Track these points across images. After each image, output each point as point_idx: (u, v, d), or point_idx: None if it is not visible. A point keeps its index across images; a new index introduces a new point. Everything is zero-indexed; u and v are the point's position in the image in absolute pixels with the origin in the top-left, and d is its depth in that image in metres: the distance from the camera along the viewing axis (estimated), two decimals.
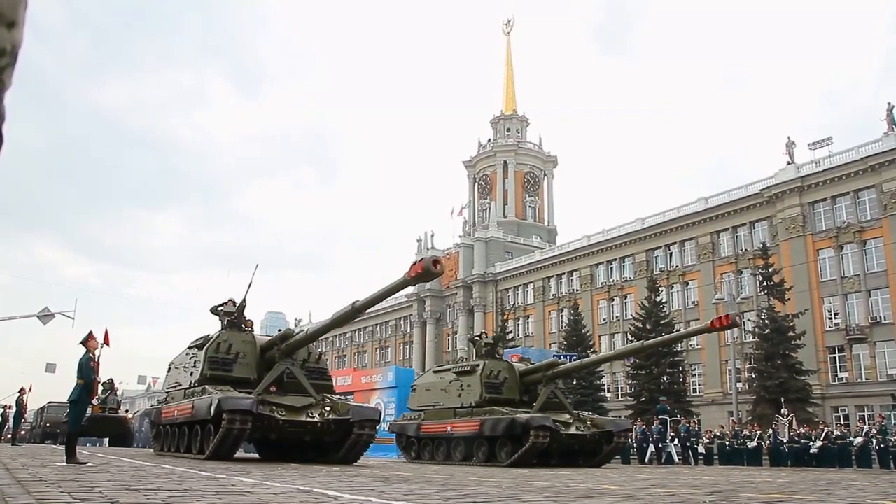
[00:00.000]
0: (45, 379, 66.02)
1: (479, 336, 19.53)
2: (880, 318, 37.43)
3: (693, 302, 46.78)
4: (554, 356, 24.57)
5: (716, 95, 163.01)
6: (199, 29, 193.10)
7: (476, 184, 79.68)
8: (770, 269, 33.62)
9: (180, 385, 14.43)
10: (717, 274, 45.17)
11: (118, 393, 30.92)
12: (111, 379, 28.97)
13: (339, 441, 12.58)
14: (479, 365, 17.25)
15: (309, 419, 11.95)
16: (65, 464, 8.41)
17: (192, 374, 13.72)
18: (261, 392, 12.05)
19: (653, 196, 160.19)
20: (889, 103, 38.69)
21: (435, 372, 19.88)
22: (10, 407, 27.12)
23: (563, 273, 57.17)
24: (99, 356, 10.87)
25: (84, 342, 10.07)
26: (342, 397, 14.53)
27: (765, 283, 33.58)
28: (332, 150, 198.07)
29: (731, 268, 44.76)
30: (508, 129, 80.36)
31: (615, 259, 52.92)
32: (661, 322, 37.41)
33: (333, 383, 15.40)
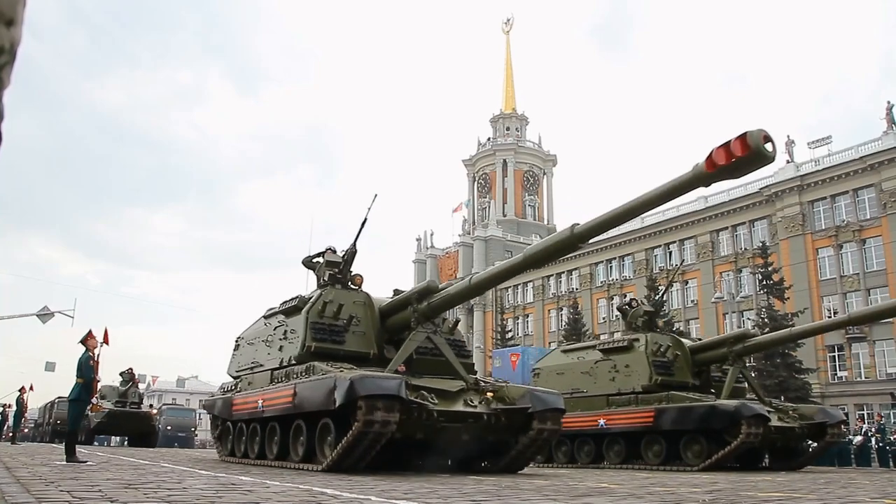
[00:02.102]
0: (45, 378, 66.01)
1: (630, 303, 15.59)
2: None
3: (693, 301, 46.83)
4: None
5: (715, 94, 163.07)
6: (198, 27, 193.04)
7: (475, 182, 79.66)
8: (769, 268, 33.61)
9: (261, 365, 10.92)
10: (717, 273, 45.20)
11: (139, 386, 27.05)
12: (131, 369, 25.31)
13: (504, 441, 9.29)
14: (638, 339, 13.98)
15: (470, 409, 8.58)
16: (64, 463, 8.42)
17: (281, 348, 10.24)
18: (394, 371, 8.74)
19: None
20: (888, 102, 38.73)
21: (565, 352, 16.48)
22: (10, 406, 27.13)
23: (563, 272, 57.18)
24: (98, 355, 10.73)
25: (83, 341, 10.08)
26: (499, 380, 10.40)
27: (764, 282, 33.58)
28: (332, 148, 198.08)
29: (730, 267, 44.78)
30: (508, 128, 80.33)
31: (615, 258, 52.95)
32: (661, 321, 37.41)
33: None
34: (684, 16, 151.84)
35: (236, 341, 12.74)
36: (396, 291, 10.42)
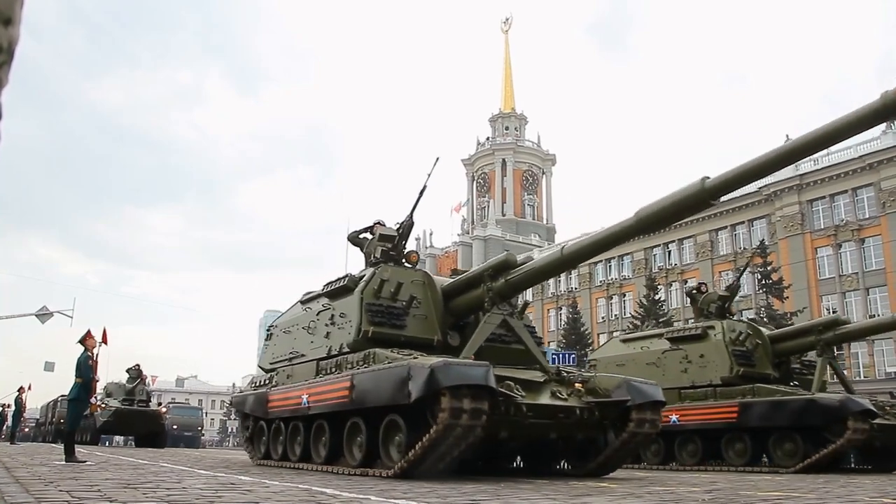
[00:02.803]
0: (44, 378, 66.02)
1: (700, 288, 14.14)
2: (879, 315, 37.41)
3: None
4: (553, 354, 23.89)
5: (715, 93, 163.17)
6: (198, 27, 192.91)
7: (475, 182, 79.66)
8: (769, 268, 33.64)
9: (302, 355, 9.67)
10: (716, 272, 45.22)
11: (147, 383, 25.11)
12: (138, 365, 23.74)
13: (591, 439, 8.18)
14: (713, 327, 12.69)
15: (560, 402, 7.48)
16: (63, 462, 8.41)
17: (328, 335, 9.00)
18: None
19: (651, 194, 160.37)
20: None
21: (625, 341, 15.01)
22: (9, 406, 27.11)
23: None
24: (97, 355, 10.71)
25: (82, 341, 10.07)
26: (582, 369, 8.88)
27: (763, 281, 33.61)
28: (332, 148, 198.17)
29: (729, 266, 44.79)
30: (507, 128, 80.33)
31: (613, 257, 52.93)
32: (660, 320, 37.43)
33: None
34: (684, 16, 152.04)
35: (268, 331, 11.51)
36: (455, 271, 9.44)
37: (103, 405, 21.19)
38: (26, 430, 41.06)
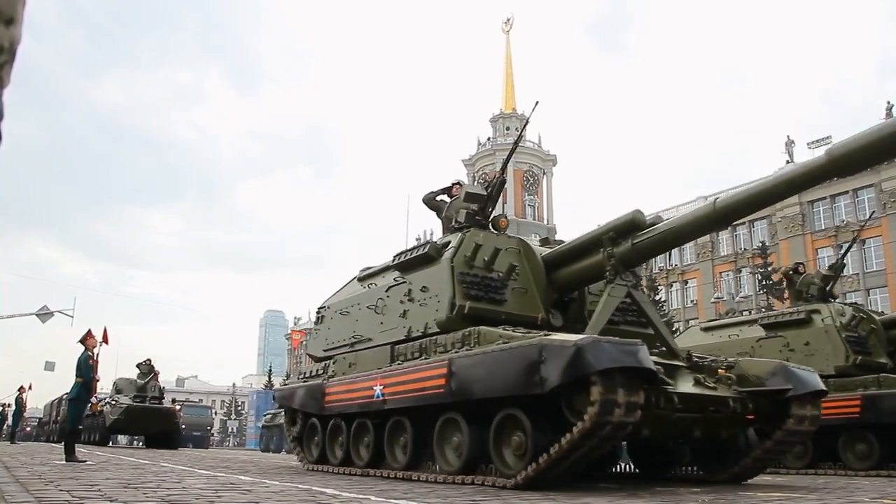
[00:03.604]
0: (45, 377, 66.05)
1: (797, 269, 12.70)
2: None
3: (692, 301, 46.86)
4: None
5: (715, 94, 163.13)
6: (198, 27, 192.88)
7: (475, 182, 79.67)
8: (769, 268, 33.64)
9: (369, 339, 8.14)
10: (716, 273, 45.23)
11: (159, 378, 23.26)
12: (149, 360, 22.41)
13: (733, 437, 6.93)
14: (818, 311, 11.26)
15: (709, 392, 6.17)
16: (64, 462, 8.41)
17: (405, 314, 7.54)
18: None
19: (651, 194, 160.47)
20: (888, 102, 38.81)
21: (707, 329, 13.57)
22: (9, 405, 27.14)
23: None
24: (98, 354, 10.70)
25: (83, 340, 10.08)
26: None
27: (763, 282, 33.61)
28: (332, 148, 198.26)
29: (730, 266, 44.82)
30: (508, 128, 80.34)
31: None
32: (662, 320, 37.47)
33: None
34: (684, 16, 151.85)
35: (318, 312, 9.91)
36: (545, 240, 8.04)
37: (112, 402, 20.38)
38: (28, 429, 41.11)
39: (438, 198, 8.64)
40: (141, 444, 34.08)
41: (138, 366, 22.54)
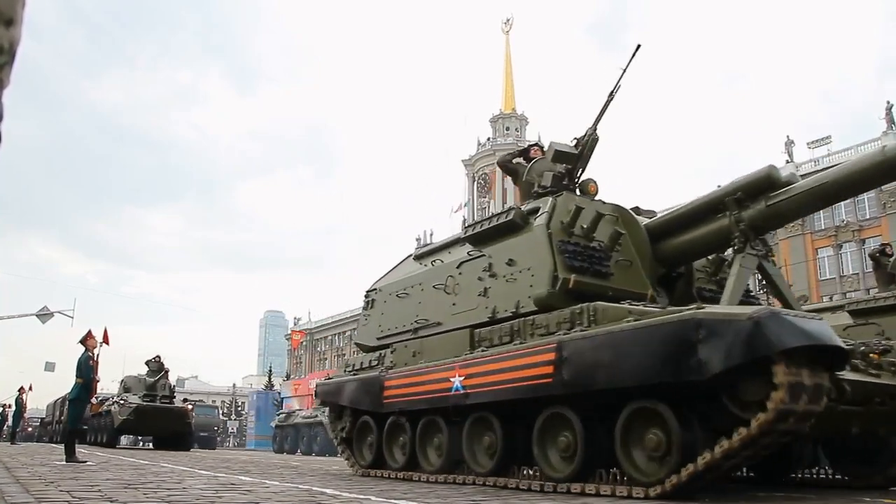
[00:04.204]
0: (45, 378, 66.08)
1: (884, 249, 11.67)
2: None
3: None
4: None
5: (715, 94, 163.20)
6: (198, 27, 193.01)
7: (475, 182, 79.70)
8: None
9: (439, 324, 7.14)
10: None
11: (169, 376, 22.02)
12: (158, 357, 21.36)
13: (879, 437, 5.92)
14: None
15: (877, 380, 5.07)
16: (64, 462, 8.42)
17: (485, 292, 6.58)
18: None
19: (651, 194, 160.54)
20: (888, 102, 38.83)
21: None
22: (9, 406, 27.17)
23: None
24: (98, 355, 10.69)
25: (83, 341, 10.09)
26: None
27: (764, 282, 33.61)
28: (332, 148, 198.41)
29: None
30: (508, 128, 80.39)
31: None
32: None
33: None
34: (684, 16, 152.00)
35: (367, 295, 8.86)
36: (635, 209, 6.94)
37: (121, 402, 19.44)
38: (30, 429, 41.10)
39: (515, 160, 7.79)
40: (143, 443, 34.08)
41: (147, 363, 21.58)
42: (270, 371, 64.69)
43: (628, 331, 4.79)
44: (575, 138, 7.02)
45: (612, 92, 7.15)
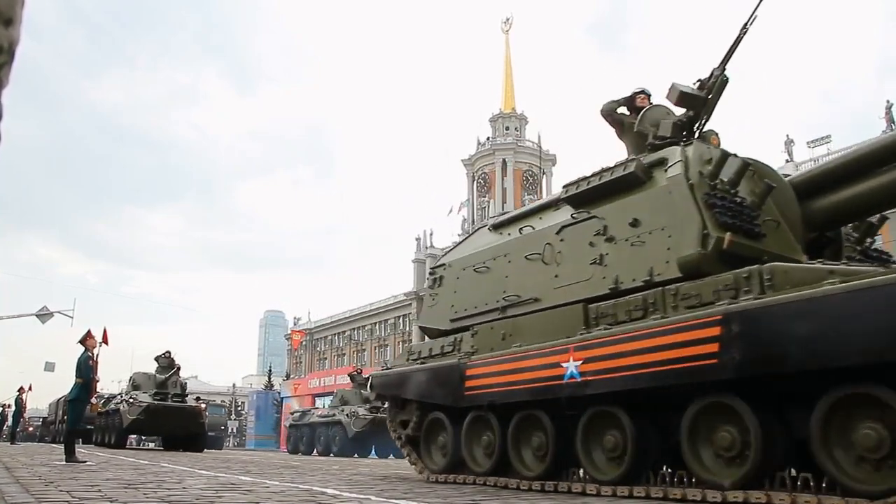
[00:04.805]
0: (45, 378, 66.06)
1: None
2: None
3: None
4: None
5: None
6: (197, 27, 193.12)
7: (475, 182, 79.73)
8: None
9: (537, 300, 6.05)
10: None
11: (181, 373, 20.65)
12: (168, 352, 20.38)
13: None
14: None
15: None
16: (64, 463, 8.42)
17: (600, 259, 5.55)
18: None
19: None
20: (888, 101, 38.74)
21: None
22: (9, 406, 27.16)
23: None
24: (97, 355, 10.68)
25: (82, 341, 10.09)
26: None
27: None
28: (331, 148, 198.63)
29: None
30: (507, 128, 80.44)
31: None
32: None
33: None
34: (683, 15, 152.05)
35: (433, 272, 7.82)
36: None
37: (130, 400, 18.44)
38: (31, 429, 41.12)
39: (620, 109, 6.79)
40: (145, 443, 34.03)
41: (157, 359, 20.50)
42: (270, 371, 64.68)
43: (841, 294, 3.70)
44: (699, 80, 6.02)
45: (745, 24, 6.23)
